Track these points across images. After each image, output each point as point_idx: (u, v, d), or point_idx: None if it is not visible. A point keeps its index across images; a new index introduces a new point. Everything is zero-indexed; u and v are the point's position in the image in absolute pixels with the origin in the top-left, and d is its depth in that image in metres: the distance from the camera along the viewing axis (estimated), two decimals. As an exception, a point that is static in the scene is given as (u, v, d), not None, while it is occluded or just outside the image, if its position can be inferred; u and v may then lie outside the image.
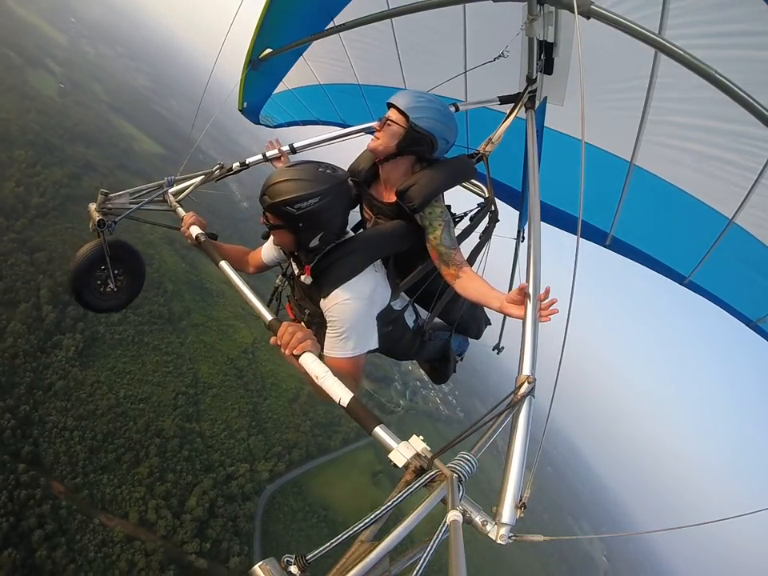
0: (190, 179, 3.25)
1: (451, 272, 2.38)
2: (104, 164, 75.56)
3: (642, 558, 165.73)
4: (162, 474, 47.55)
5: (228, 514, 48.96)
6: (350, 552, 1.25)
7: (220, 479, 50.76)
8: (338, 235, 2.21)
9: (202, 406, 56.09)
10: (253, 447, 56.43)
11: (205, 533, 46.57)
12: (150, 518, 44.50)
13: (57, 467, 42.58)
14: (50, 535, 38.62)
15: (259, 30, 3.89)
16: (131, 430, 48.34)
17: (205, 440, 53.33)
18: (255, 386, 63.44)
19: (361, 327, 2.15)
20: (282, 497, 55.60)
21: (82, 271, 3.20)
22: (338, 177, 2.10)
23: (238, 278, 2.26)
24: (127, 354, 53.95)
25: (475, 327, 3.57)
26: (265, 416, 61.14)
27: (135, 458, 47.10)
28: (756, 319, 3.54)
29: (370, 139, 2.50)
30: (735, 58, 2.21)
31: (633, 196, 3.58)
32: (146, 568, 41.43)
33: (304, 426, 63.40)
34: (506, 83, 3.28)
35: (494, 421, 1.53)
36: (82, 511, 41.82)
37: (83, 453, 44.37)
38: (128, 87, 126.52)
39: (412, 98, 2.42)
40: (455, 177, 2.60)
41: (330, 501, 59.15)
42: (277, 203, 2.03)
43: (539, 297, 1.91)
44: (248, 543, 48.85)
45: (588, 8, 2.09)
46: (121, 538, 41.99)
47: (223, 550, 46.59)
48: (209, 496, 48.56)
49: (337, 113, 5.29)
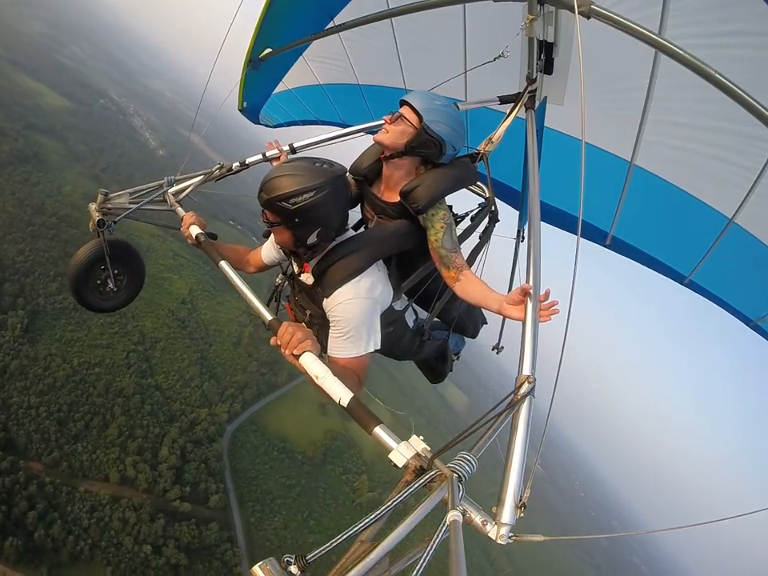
0: (189, 179, 3.25)
1: (451, 275, 2.38)
2: (12, 126, 72.55)
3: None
4: (130, 431, 50.32)
5: (198, 457, 52.74)
6: (350, 552, 1.25)
7: (184, 426, 54.36)
8: (337, 231, 2.18)
9: (153, 361, 58.84)
10: (207, 392, 59.83)
11: (182, 478, 50.02)
12: (130, 475, 47.35)
13: (31, 447, 44.07)
14: (43, 514, 40.42)
15: (259, 29, 3.89)
16: (93, 395, 50.51)
17: (163, 392, 56.22)
18: (199, 334, 66.20)
19: (365, 326, 2.13)
20: (242, 435, 59.84)
21: (81, 271, 3.20)
22: (334, 171, 2.07)
23: (238, 277, 2.26)
24: (72, 322, 55.14)
25: (472, 326, 3.58)
26: (213, 362, 64.48)
27: (102, 421, 49.56)
28: (756, 318, 3.54)
29: (379, 131, 2.46)
30: (735, 58, 2.20)
31: (633, 196, 3.57)
32: (137, 522, 44.44)
33: (251, 367, 66.49)
34: (506, 83, 3.28)
35: (493, 421, 1.53)
36: (65, 483, 43.83)
37: (53, 427, 46.13)
38: (25, 37, 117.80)
39: (428, 99, 2.41)
40: (460, 180, 2.60)
41: (286, 433, 63.59)
42: (272, 199, 2.01)
43: (539, 298, 1.91)
44: (222, 481, 53.30)
45: (588, 8, 2.09)
46: (108, 500, 44.69)
47: (201, 491, 50.40)
48: (178, 444, 51.96)
49: (337, 113, 5.29)
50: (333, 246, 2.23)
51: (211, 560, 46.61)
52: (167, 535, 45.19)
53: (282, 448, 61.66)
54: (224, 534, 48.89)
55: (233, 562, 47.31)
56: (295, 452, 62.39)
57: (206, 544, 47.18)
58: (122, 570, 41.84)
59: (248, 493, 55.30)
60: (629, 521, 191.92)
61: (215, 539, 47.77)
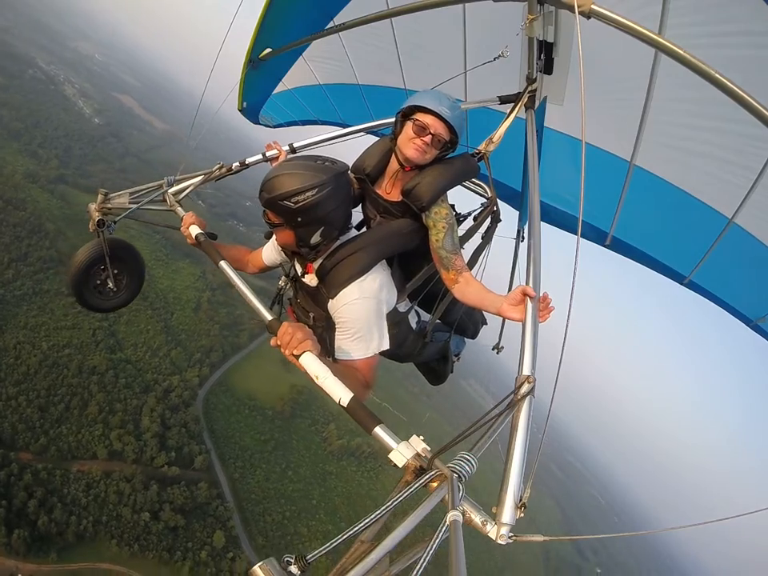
0: (189, 179, 3.25)
1: (451, 276, 2.37)
2: None
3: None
4: (110, 406, 52.30)
5: (178, 422, 55.28)
6: (350, 552, 1.25)
7: (159, 395, 56.40)
8: (340, 230, 2.15)
9: (120, 335, 60.60)
10: (176, 360, 62.17)
11: (166, 444, 52.60)
12: (117, 449, 49.41)
13: (18, 438, 45.10)
14: (42, 501, 41.81)
15: (259, 29, 3.88)
16: (68, 377, 51.72)
17: (134, 365, 58.19)
18: (159, 304, 67.71)
19: (372, 327, 2.11)
20: (214, 397, 62.74)
21: (81, 271, 3.20)
22: (336, 168, 2.04)
23: (238, 277, 2.26)
24: (34, 308, 55.87)
25: (472, 327, 3.59)
26: (177, 329, 66.41)
27: (81, 400, 51.04)
28: (756, 319, 3.54)
29: (413, 148, 2.31)
30: (735, 58, 2.21)
31: (633, 196, 3.57)
32: (132, 492, 46.84)
33: (213, 330, 69.14)
34: (506, 83, 3.27)
35: (493, 421, 1.53)
36: (57, 467, 45.29)
37: (35, 414, 47.28)
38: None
39: (460, 114, 2.37)
40: (460, 175, 2.59)
41: (254, 392, 66.32)
42: (273, 198, 1.97)
43: (539, 299, 1.91)
44: (203, 443, 56.40)
45: (588, 8, 2.08)
46: (101, 476, 46.75)
47: (186, 454, 53.27)
48: (157, 412, 54.26)
49: (336, 113, 5.29)
50: (336, 245, 2.21)
51: (205, 517, 49.81)
52: (162, 500, 47.77)
53: (252, 406, 64.62)
54: (213, 491, 51.94)
55: (225, 516, 50.92)
56: (265, 409, 65.57)
57: (199, 503, 50.11)
58: (126, 541, 44.07)
59: (228, 451, 58.46)
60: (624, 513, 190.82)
61: (206, 497, 50.76)
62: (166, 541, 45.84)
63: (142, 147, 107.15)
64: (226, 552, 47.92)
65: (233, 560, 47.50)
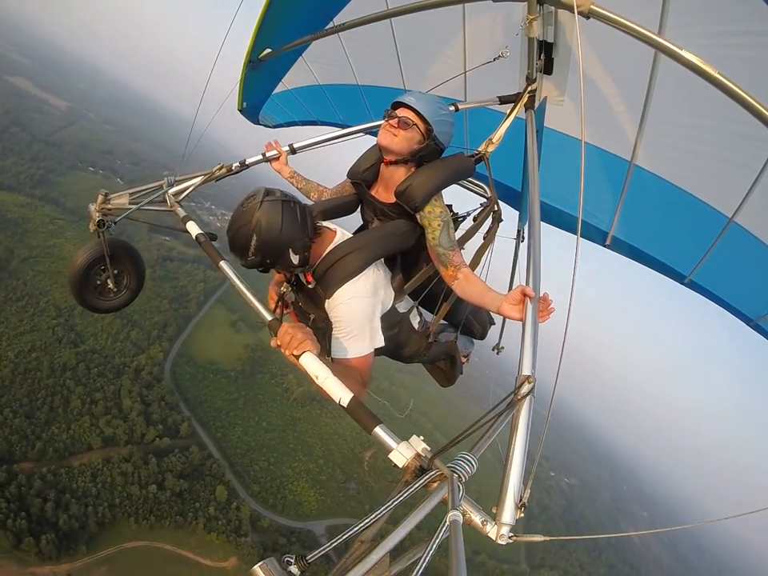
0: (190, 179, 3.25)
1: (449, 273, 2.37)
2: None
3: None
4: (90, 397, 54.80)
5: (155, 397, 59.23)
6: (350, 552, 1.25)
7: (132, 376, 59.83)
8: (309, 236, 2.16)
9: (78, 328, 62.44)
10: (136, 340, 65.13)
11: (151, 419, 56.34)
12: (109, 435, 52.27)
13: (15, 449, 46.53)
14: (57, 502, 43.99)
15: (259, 29, 3.88)
16: (43, 379, 53.49)
17: (99, 353, 60.78)
18: None
19: (366, 325, 2.15)
20: (179, 368, 66.76)
21: (81, 272, 3.20)
22: (256, 199, 2.06)
23: (238, 278, 2.26)
24: None
25: (480, 328, 3.56)
26: (129, 311, 65.20)
27: (63, 398, 53.15)
28: (756, 318, 3.54)
29: (382, 133, 2.40)
30: (735, 58, 2.21)
31: (633, 195, 3.57)
32: (135, 470, 50.50)
33: (163, 306, 71.69)
34: (506, 83, 3.28)
35: (493, 421, 1.53)
36: (60, 466, 47.50)
37: (24, 422, 48.78)
38: None
39: (436, 108, 2.39)
40: (453, 174, 2.59)
41: (212, 356, 71.02)
42: (242, 262, 2.10)
43: (539, 299, 1.91)
44: (182, 412, 60.50)
45: (588, 8, 2.09)
46: (102, 463, 49.90)
47: (171, 424, 57.53)
48: (134, 392, 57.75)
49: (336, 113, 5.29)
50: (331, 248, 2.24)
51: (204, 477, 54.60)
52: (162, 470, 51.85)
53: (215, 370, 69.15)
54: (204, 452, 57.31)
55: (219, 472, 56.21)
56: (227, 371, 70.25)
57: (195, 465, 54.99)
58: (142, 515, 47.88)
59: (205, 415, 63.05)
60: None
61: (199, 459, 55.82)
62: (176, 506, 49.96)
63: (47, 130, 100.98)
64: (230, 503, 53.12)
65: (238, 509, 52.76)
